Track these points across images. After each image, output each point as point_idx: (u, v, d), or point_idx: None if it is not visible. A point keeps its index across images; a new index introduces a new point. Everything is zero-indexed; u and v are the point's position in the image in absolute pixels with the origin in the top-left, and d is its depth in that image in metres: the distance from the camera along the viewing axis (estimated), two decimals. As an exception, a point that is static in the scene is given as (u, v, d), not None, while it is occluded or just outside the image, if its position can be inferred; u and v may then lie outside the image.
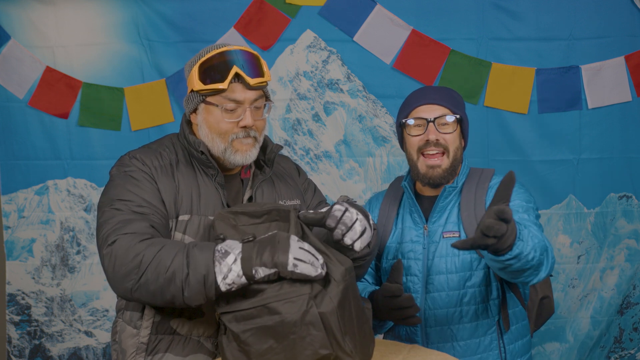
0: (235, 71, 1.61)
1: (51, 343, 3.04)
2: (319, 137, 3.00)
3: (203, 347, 1.63)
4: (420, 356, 1.55)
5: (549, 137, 2.93)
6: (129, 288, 1.47)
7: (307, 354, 1.36)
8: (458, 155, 1.91)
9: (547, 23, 2.90)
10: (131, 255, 1.46)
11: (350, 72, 2.97)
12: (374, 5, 2.92)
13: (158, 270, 1.44)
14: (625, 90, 2.90)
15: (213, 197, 1.66)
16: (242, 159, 1.66)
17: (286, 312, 1.36)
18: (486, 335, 1.88)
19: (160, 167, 1.65)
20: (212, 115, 1.64)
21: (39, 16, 2.92)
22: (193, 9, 2.92)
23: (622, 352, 3.00)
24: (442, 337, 1.88)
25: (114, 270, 1.48)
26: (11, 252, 3.03)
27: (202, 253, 1.43)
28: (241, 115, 1.63)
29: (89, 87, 2.95)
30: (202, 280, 1.41)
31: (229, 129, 1.64)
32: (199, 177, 1.68)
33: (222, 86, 1.60)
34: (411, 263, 1.91)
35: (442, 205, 1.91)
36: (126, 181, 1.61)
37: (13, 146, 2.99)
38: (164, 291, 1.44)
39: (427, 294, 1.88)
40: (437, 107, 1.89)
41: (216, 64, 1.62)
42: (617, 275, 2.97)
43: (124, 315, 1.69)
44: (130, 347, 1.65)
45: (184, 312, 1.62)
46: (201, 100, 1.65)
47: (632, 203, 2.96)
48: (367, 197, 2.99)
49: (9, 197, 3.01)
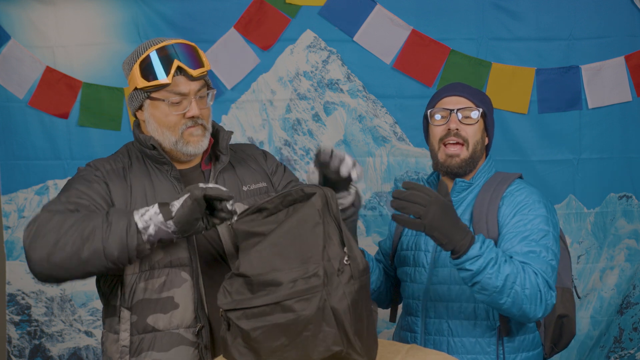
0: (177, 65, 1.63)
1: (51, 343, 3.05)
2: (319, 137, 3.00)
3: (184, 339, 1.63)
4: (418, 356, 1.54)
5: (549, 137, 2.93)
6: (45, 255, 1.47)
7: (319, 350, 1.35)
8: (478, 149, 1.91)
9: (547, 23, 2.89)
10: (51, 225, 1.49)
11: (350, 72, 2.97)
12: (374, 5, 2.92)
13: (77, 230, 1.47)
14: (625, 90, 2.90)
15: (169, 192, 1.67)
16: (194, 149, 1.69)
17: (301, 310, 1.34)
18: (484, 337, 1.85)
19: (113, 171, 1.69)
20: (158, 110, 1.66)
21: (39, 16, 2.92)
22: (193, 9, 2.92)
23: (622, 352, 3.00)
24: (439, 331, 1.88)
25: (31, 241, 1.49)
26: (11, 252, 3.03)
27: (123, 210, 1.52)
28: (187, 107, 1.66)
29: (89, 87, 2.95)
30: (122, 226, 1.47)
31: (177, 121, 1.66)
32: (153, 175, 1.70)
33: (167, 81, 1.63)
34: (421, 255, 1.93)
35: (455, 200, 1.91)
36: (75, 182, 1.65)
37: (13, 146, 2.98)
38: (81, 250, 1.46)
39: (430, 286, 1.89)
40: (461, 99, 1.91)
41: (157, 60, 1.64)
42: (617, 275, 2.97)
43: (105, 324, 1.71)
44: (114, 353, 1.66)
45: (157, 307, 1.63)
46: (146, 97, 1.67)
47: (632, 203, 2.96)
48: (367, 197, 2.99)
49: (9, 197, 3.01)
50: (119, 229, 1.47)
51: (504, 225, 1.80)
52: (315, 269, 1.36)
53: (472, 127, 1.89)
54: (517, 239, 1.75)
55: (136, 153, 1.75)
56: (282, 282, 1.36)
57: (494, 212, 1.83)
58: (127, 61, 1.71)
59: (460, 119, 1.89)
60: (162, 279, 1.63)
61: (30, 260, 1.50)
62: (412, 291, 1.95)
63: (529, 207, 1.81)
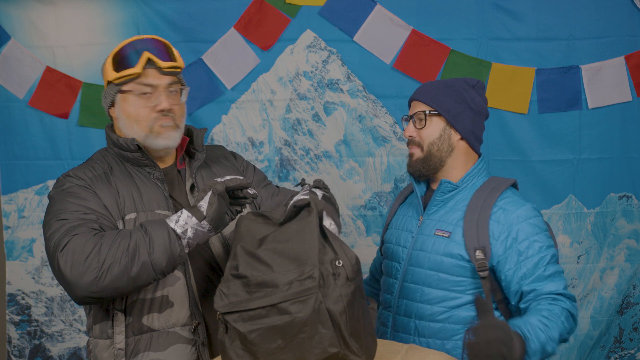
0: (147, 56, 1.64)
1: (51, 343, 3.05)
2: (319, 137, 3.00)
3: (180, 337, 1.64)
4: (418, 356, 1.55)
5: (549, 137, 2.93)
6: (92, 279, 1.46)
7: (316, 352, 1.35)
8: (434, 150, 1.90)
9: (547, 23, 2.89)
10: (89, 248, 1.47)
11: (350, 72, 2.97)
12: (374, 5, 2.92)
13: (119, 250, 1.47)
14: (625, 90, 2.90)
15: (154, 193, 1.68)
16: (164, 142, 1.68)
17: (296, 312, 1.34)
18: (450, 340, 1.85)
19: (95, 177, 1.67)
20: (128, 103, 1.66)
21: (39, 16, 2.92)
22: (193, 9, 2.92)
23: (622, 352, 3.00)
24: (406, 329, 1.90)
25: (72, 268, 1.46)
26: (11, 252, 3.03)
27: (155, 220, 1.53)
28: (157, 100, 1.65)
29: (89, 87, 2.95)
30: (163, 235, 1.48)
31: (146, 114, 1.65)
32: (136, 178, 1.69)
33: (136, 70, 1.63)
34: (399, 250, 1.96)
35: (440, 199, 1.91)
36: (65, 197, 1.62)
37: (13, 146, 2.99)
38: (130, 267, 1.47)
39: (404, 283, 1.91)
40: (418, 103, 1.94)
41: (128, 52, 1.65)
42: (617, 275, 2.97)
43: (94, 331, 1.68)
44: (107, 359, 1.63)
45: (152, 307, 1.63)
46: (117, 91, 1.67)
47: (632, 203, 2.96)
48: (367, 197, 2.99)
49: (9, 197, 3.01)
50: (161, 239, 1.49)
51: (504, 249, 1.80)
52: (310, 271, 1.37)
53: (424, 130, 1.91)
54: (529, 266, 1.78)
55: (114, 158, 1.73)
56: (279, 284, 1.36)
57: (485, 223, 1.82)
58: (104, 62, 1.71)
59: (416, 123, 1.92)
60: None
61: (76, 286, 1.47)
62: (387, 285, 1.98)
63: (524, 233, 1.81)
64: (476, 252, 1.79)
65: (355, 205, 3.01)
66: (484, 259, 1.78)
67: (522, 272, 1.77)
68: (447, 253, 1.84)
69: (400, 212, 2.06)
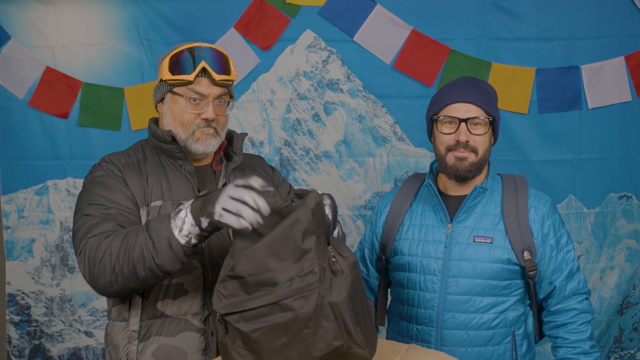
0: (203, 66, 1.69)
1: (51, 343, 3.04)
2: (319, 137, 3.00)
3: (191, 325, 1.68)
4: (418, 355, 1.54)
5: (549, 137, 2.93)
6: (108, 282, 1.54)
7: (320, 346, 1.35)
8: (486, 155, 1.91)
9: (547, 23, 2.89)
10: (100, 253, 1.54)
11: (350, 72, 2.97)
12: (374, 5, 2.92)
13: (127, 253, 1.51)
14: (625, 90, 2.90)
15: (183, 184, 1.73)
16: (202, 147, 1.74)
17: (300, 308, 1.34)
18: (501, 344, 1.87)
19: (128, 165, 1.74)
20: (176, 105, 1.73)
21: (39, 16, 2.92)
22: (193, 9, 2.92)
23: (622, 352, 3.00)
24: (459, 341, 1.86)
25: (90, 272, 1.57)
26: (11, 252, 3.03)
27: (160, 221, 1.52)
28: (204, 108, 1.71)
29: (89, 87, 2.95)
30: (167, 243, 1.49)
31: (190, 119, 1.72)
32: (168, 169, 1.75)
33: (189, 78, 1.69)
34: (431, 262, 1.90)
35: (470, 205, 1.90)
36: (95, 186, 1.69)
37: (13, 146, 2.98)
38: (138, 270, 1.51)
39: (447, 295, 1.86)
40: (470, 106, 1.86)
41: (186, 57, 1.70)
42: (617, 275, 2.97)
43: (112, 314, 1.74)
44: (121, 341, 1.69)
45: (168, 293, 1.67)
46: (168, 90, 1.73)
47: (632, 203, 2.96)
48: (367, 197, 2.99)
49: (9, 197, 3.01)
50: (162, 245, 1.50)
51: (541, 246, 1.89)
52: (310, 266, 1.37)
53: (481, 137, 1.87)
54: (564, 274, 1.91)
55: (150, 149, 1.80)
56: (279, 281, 1.36)
57: (526, 223, 1.87)
58: (162, 56, 1.77)
59: (471, 128, 1.85)
60: None
61: (96, 288, 1.59)
62: (424, 300, 1.90)
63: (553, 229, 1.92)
64: (524, 253, 1.84)
65: (355, 205, 3.00)
66: (531, 258, 1.84)
67: (552, 267, 1.88)
68: (494, 259, 1.84)
69: (413, 221, 1.98)
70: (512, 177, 1.97)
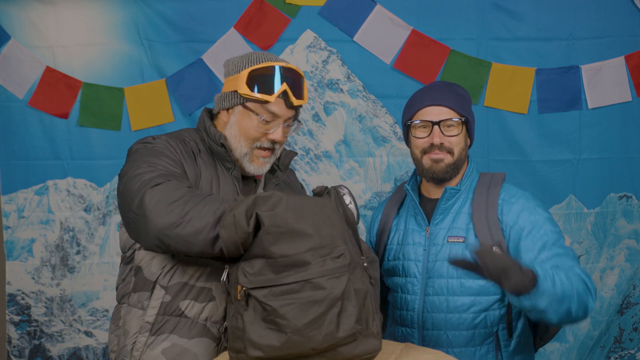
0: (285, 89, 1.66)
1: (51, 343, 3.04)
2: (319, 137, 3.00)
3: (209, 332, 1.65)
4: (413, 355, 1.54)
5: (549, 137, 2.93)
6: (171, 223, 1.44)
7: (344, 328, 1.37)
8: (463, 156, 1.91)
9: (547, 23, 2.90)
10: (180, 194, 1.46)
11: (350, 72, 2.97)
12: (374, 5, 2.92)
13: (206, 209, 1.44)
14: (625, 90, 2.90)
15: (230, 187, 1.70)
16: (255, 170, 1.74)
17: (331, 287, 1.37)
18: (483, 345, 1.85)
19: (185, 151, 1.69)
20: (246, 119, 1.69)
21: (39, 16, 2.92)
22: (193, 9, 2.91)
23: (622, 352, 3.00)
24: (438, 342, 1.87)
25: (156, 205, 1.45)
26: (11, 252, 3.02)
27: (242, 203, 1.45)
28: (273, 129, 1.70)
29: (89, 87, 2.95)
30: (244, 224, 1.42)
31: (257, 137, 1.71)
32: (219, 168, 1.72)
33: (269, 99, 1.65)
34: (411, 265, 1.91)
35: (445, 207, 1.90)
36: (151, 152, 1.62)
37: (13, 146, 2.98)
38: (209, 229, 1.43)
39: (426, 297, 1.88)
40: (443, 108, 1.88)
41: (268, 75, 1.66)
42: (617, 275, 2.96)
43: (131, 299, 1.69)
44: (133, 328, 1.66)
45: (193, 294, 1.64)
46: (241, 103, 1.69)
47: (632, 203, 2.96)
48: (367, 197, 2.99)
49: (9, 197, 3.01)
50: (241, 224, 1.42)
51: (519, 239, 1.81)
52: (341, 250, 1.40)
53: (456, 137, 1.88)
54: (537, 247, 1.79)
55: (202, 142, 1.75)
56: (310, 261, 1.38)
57: (494, 219, 1.83)
58: (235, 62, 1.72)
59: (442, 129, 1.87)
60: (207, 269, 1.65)
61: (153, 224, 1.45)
62: (406, 302, 1.93)
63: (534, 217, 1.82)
64: (493, 249, 1.79)
65: (355, 205, 3.00)
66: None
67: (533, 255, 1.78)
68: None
69: (398, 227, 2.02)
70: (491, 174, 1.95)
